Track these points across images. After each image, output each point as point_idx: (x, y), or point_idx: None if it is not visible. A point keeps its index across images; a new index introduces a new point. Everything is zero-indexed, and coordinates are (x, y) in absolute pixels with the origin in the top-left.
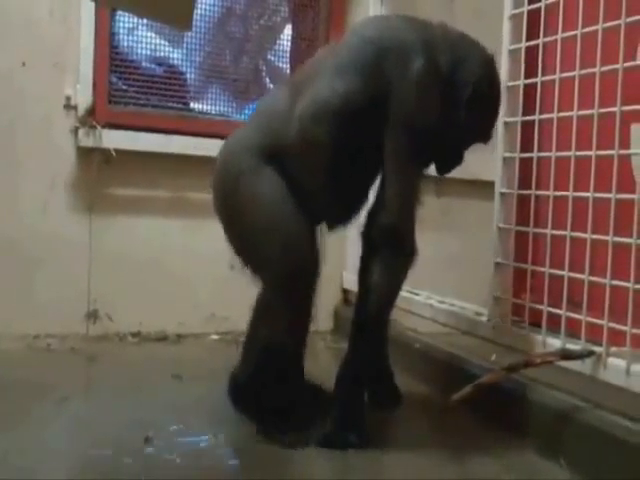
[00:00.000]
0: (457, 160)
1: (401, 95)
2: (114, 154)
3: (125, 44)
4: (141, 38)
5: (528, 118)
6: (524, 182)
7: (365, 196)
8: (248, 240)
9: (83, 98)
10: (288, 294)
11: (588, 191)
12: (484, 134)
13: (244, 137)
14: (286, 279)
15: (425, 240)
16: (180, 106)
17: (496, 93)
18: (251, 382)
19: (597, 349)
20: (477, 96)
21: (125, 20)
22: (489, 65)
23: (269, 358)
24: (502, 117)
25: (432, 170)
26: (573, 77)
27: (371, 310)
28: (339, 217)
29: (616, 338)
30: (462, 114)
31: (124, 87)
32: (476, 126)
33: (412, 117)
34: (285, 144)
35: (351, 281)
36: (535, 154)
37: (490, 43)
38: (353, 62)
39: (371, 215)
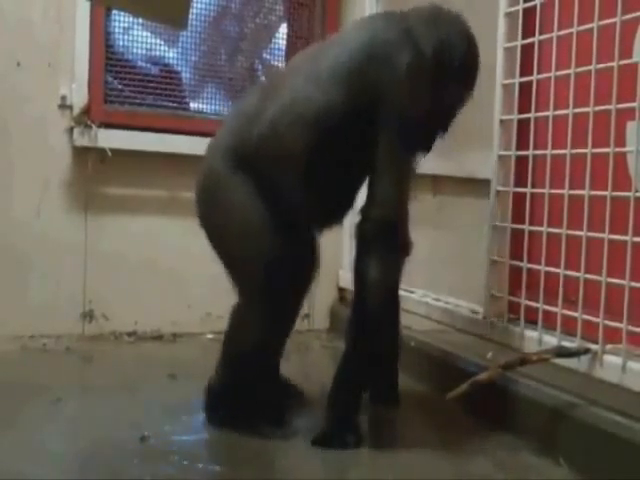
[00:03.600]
0: (442, 133)
1: (393, 92)
2: (109, 154)
3: (120, 43)
4: (136, 37)
5: (524, 116)
6: (520, 180)
7: (350, 200)
8: (227, 252)
9: (78, 98)
10: (266, 303)
11: (584, 189)
12: (462, 103)
13: (219, 144)
14: (264, 289)
15: (421, 238)
16: (176, 105)
17: (476, 63)
18: (224, 392)
19: (593, 347)
20: (461, 70)
21: (120, 19)
22: (469, 37)
23: (240, 369)
24: (498, 115)
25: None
26: (569, 75)
27: (368, 307)
28: (321, 221)
29: (612, 335)
30: (450, 90)
31: (119, 86)
32: (459, 97)
33: (406, 110)
34: (254, 148)
35: (347, 279)
36: (531, 152)
37: (485, 41)
38: (335, 72)
39: (363, 209)
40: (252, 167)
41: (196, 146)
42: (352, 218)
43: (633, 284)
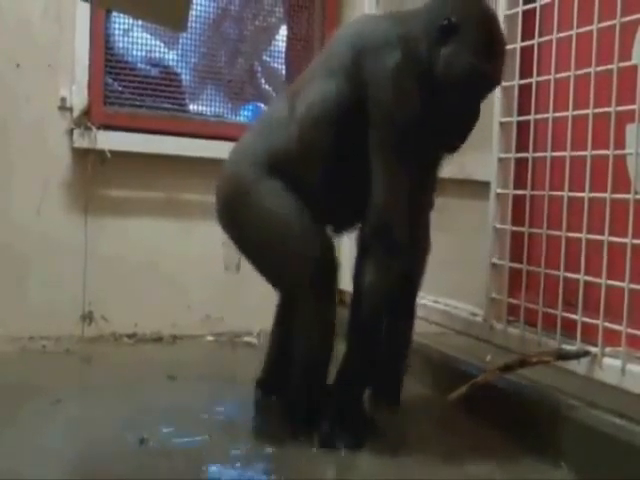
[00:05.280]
0: (470, 122)
1: (377, 93)
2: (109, 155)
3: (120, 45)
4: (136, 39)
5: (523, 118)
6: (519, 182)
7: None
8: (264, 252)
9: (78, 99)
10: (312, 296)
11: (583, 191)
12: (490, 71)
13: (247, 149)
14: (309, 282)
15: None
16: (175, 107)
17: (482, 19)
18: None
19: (592, 349)
20: (453, 30)
21: (120, 21)
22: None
23: (306, 374)
24: (497, 117)
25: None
26: (568, 77)
27: (364, 312)
28: (344, 221)
29: (611, 338)
30: (443, 50)
31: (119, 88)
32: (474, 70)
33: (390, 113)
34: (286, 151)
35: (346, 281)
36: (530, 154)
37: None
38: (338, 66)
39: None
40: (284, 170)
41: (196, 148)
42: None
43: (633, 286)
